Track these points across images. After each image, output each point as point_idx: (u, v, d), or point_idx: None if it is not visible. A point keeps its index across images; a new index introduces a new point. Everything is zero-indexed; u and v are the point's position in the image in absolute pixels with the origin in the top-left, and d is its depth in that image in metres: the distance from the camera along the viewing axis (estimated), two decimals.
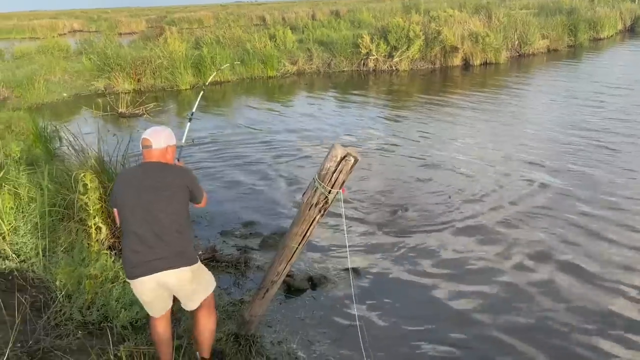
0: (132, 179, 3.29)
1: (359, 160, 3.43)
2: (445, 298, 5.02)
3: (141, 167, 3.34)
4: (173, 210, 3.25)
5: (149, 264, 3.19)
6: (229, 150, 10.30)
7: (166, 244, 3.21)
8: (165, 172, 3.31)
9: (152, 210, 3.19)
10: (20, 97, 15.05)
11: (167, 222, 3.21)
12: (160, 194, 3.22)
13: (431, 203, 7.21)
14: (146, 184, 3.22)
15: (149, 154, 3.32)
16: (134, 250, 3.20)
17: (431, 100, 14.30)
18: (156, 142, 3.31)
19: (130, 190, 3.23)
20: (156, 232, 3.18)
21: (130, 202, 3.21)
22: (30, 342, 3.67)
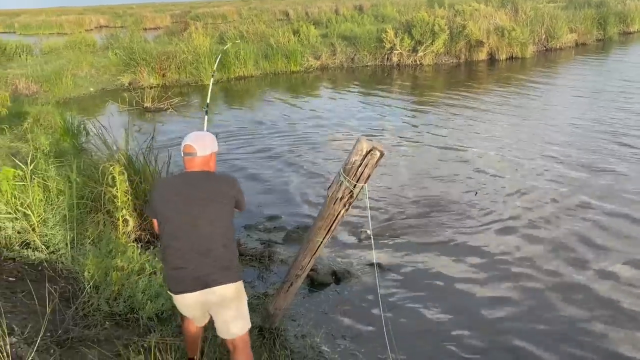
0: (175, 191, 3.07)
1: (385, 155, 3.41)
2: (471, 298, 4.96)
3: (184, 177, 3.11)
4: (220, 223, 3.07)
5: (194, 280, 3.01)
6: (252, 143, 10.35)
7: (212, 259, 3.03)
8: (212, 182, 3.11)
9: (197, 224, 3.00)
10: (49, 91, 15.31)
11: (214, 236, 3.04)
12: (207, 206, 3.04)
13: (456, 199, 7.14)
14: (192, 196, 3.02)
15: (191, 162, 3.09)
16: (177, 266, 3.01)
17: (456, 95, 14.16)
18: (201, 149, 3.08)
19: (173, 202, 3.03)
20: (202, 247, 3.01)
21: (173, 215, 3.02)
22: (60, 332, 3.73)
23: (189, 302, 3.07)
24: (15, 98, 12.68)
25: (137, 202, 5.44)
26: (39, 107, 11.48)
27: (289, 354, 3.96)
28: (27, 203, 4.97)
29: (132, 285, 4.45)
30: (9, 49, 20.48)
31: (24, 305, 3.95)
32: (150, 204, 3.18)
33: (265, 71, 18.67)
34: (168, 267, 3.06)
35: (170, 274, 3.05)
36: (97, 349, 3.64)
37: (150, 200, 3.15)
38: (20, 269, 4.58)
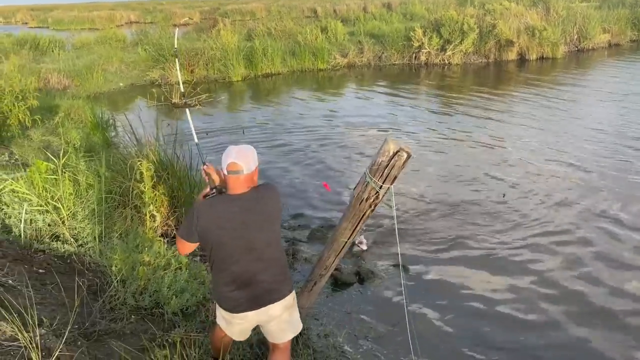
0: (227, 217, 2.93)
1: (412, 156, 3.38)
2: (498, 303, 4.88)
3: (235, 201, 2.96)
4: (274, 240, 3.10)
5: (255, 299, 3.02)
6: (277, 140, 10.37)
7: (271, 276, 3.06)
8: (263, 201, 3.02)
9: (255, 247, 2.98)
10: (80, 86, 15.57)
11: (270, 254, 3.06)
12: (262, 228, 3.00)
13: (484, 201, 7.06)
14: (247, 221, 2.94)
15: (237, 180, 2.94)
16: (236, 288, 3.00)
17: (483, 96, 13.99)
18: (246, 166, 2.93)
19: (227, 229, 2.91)
20: (260, 268, 3.02)
21: (228, 241, 2.93)
22: (87, 324, 3.79)
23: (249, 320, 3.09)
24: (47, 92, 12.94)
25: (165, 198, 5.50)
26: (70, 101, 11.68)
27: (311, 353, 3.96)
28: (58, 196, 5.06)
29: (158, 280, 4.50)
30: (43, 44, 20.88)
31: (53, 297, 4.02)
32: (192, 229, 2.93)
33: (292, 68, 18.70)
34: (225, 289, 3.02)
35: (229, 296, 3.02)
36: (122, 343, 3.69)
37: (192, 225, 2.92)
38: (50, 261, 4.67)
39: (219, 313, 3.19)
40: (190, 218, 2.95)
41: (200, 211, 2.94)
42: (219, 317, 3.23)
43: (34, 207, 4.93)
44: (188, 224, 2.97)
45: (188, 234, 2.97)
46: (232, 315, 3.07)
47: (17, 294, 3.73)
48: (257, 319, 3.09)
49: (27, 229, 4.80)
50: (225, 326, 3.20)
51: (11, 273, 3.99)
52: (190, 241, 2.98)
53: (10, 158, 7.22)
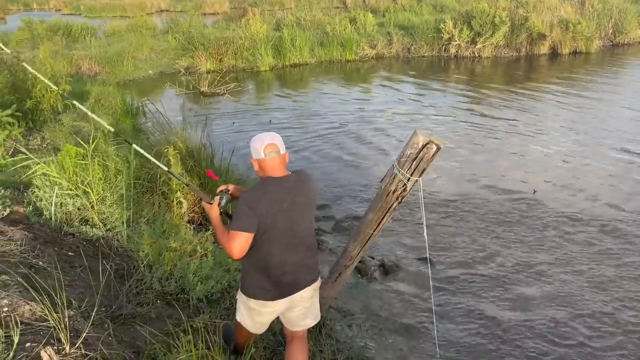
0: (278, 199, 2.92)
1: (442, 149, 3.34)
2: (527, 302, 4.81)
3: (280, 183, 2.97)
4: (312, 224, 3.14)
5: (291, 284, 3.07)
6: (304, 131, 10.37)
7: (308, 261, 3.13)
8: (306, 185, 3.07)
9: (296, 229, 3.01)
10: (110, 72, 15.76)
11: (309, 238, 3.12)
12: (304, 211, 3.05)
13: (514, 196, 6.96)
14: (293, 203, 2.96)
15: (277, 160, 2.97)
16: (278, 273, 3.01)
17: (514, 90, 13.74)
18: (281, 146, 2.99)
19: (279, 211, 2.92)
20: (300, 251, 3.06)
21: (280, 223, 2.93)
22: (114, 307, 3.85)
23: (280, 306, 3.10)
24: (78, 78, 13.13)
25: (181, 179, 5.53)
26: (100, 88, 11.83)
27: (334, 344, 3.96)
28: (88, 181, 5.13)
29: (184, 266, 4.55)
30: (75, 31, 21.14)
31: (82, 279, 4.09)
32: (252, 218, 2.86)
33: (320, 59, 18.62)
34: (264, 274, 3.01)
35: (270, 280, 3.01)
36: (148, 327, 3.74)
37: (251, 214, 2.85)
38: (79, 245, 4.74)
39: (246, 306, 3.17)
40: (245, 208, 2.86)
41: (256, 197, 2.90)
42: (244, 314, 3.21)
43: (65, 191, 5.01)
44: (245, 215, 2.86)
45: (250, 225, 2.86)
46: (264, 304, 3.06)
47: (47, 275, 3.80)
48: (287, 305, 3.11)
49: (57, 212, 4.87)
50: (250, 320, 3.19)
51: (42, 255, 4.06)
52: (252, 231, 2.87)
53: (42, 142, 7.34)
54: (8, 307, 2.97)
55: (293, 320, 3.25)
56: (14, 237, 4.13)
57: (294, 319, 3.23)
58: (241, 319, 3.25)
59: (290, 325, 3.29)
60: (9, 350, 2.56)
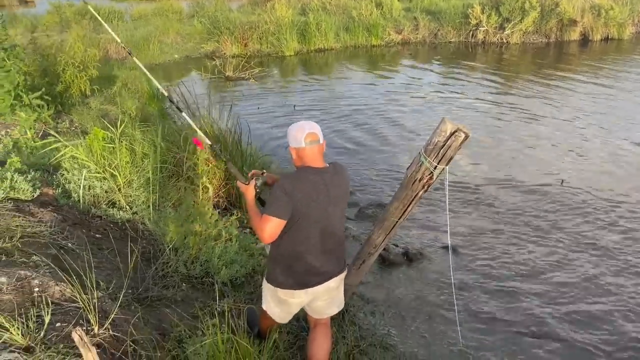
0: (317, 189, 2.91)
1: (470, 137, 3.30)
2: (554, 292, 4.73)
3: (320, 174, 2.95)
4: (343, 215, 3.16)
5: (322, 274, 3.09)
6: (328, 117, 10.33)
7: (339, 251, 3.17)
8: (342, 177, 3.06)
9: (331, 220, 3.02)
10: (137, 57, 15.84)
11: (340, 229, 3.14)
12: (338, 203, 3.05)
13: (541, 186, 6.86)
14: (330, 194, 2.96)
15: (317, 150, 2.97)
16: (310, 262, 3.02)
17: (542, 77, 13.48)
18: (321, 135, 2.99)
19: (316, 201, 2.91)
20: (333, 242, 3.09)
21: (315, 213, 2.93)
22: (140, 290, 3.91)
23: (307, 296, 3.11)
24: (106, 61, 13.26)
25: (218, 170, 5.56)
26: (127, 72, 11.93)
27: (357, 330, 3.97)
28: (115, 164, 5.19)
29: (209, 250, 4.59)
30: (102, 15, 21.30)
31: (109, 261, 4.16)
32: (287, 204, 2.84)
33: (345, 44, 18.49)
34: (294, 264, 3.02)
35: (300, 270, 3.03)
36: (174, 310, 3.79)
37: (287, 200, 2.83)
38: (106, 227, 4.82)
39: (273, 296, 3.18)
40: (281, 194, 2.84)
41: (294, 185, 2.88)
42: (270, 303, 3.23)
43: (92, 173, 5.08)
44: (281, 201, 2.84)
45: (285, 211, 2.84)
46: (292, 294, 3.08)
47: (76, 256, 3.87)
48: (315, 294, 3.12)
49: (85, 195, 4.95)
50: (278, 310, 3.21)
51: (71, 237, 4.14)
52: (285, 218, 2.85)
53: (71, 125, 7.45)
54: (39, 288, 3.04)
55: (318, 309, 3.26)
56: (44, 219, 4.22)
57: (319, 308, 3.25)
58: (267, 308, 3.27)
59: (315, 314, 3.31)
60: (40, 330, 2.62)
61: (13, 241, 3.61)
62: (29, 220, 4.06)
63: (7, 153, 5.49)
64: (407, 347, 3.89)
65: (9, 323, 2.54)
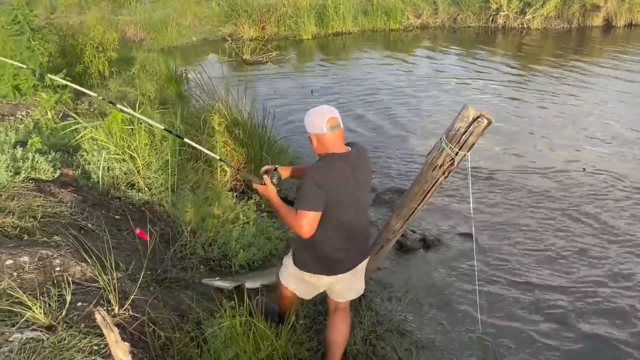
0: (346, 173, 2.88)
1: (493, 123, 3.25)
2: (577, 282, 4.63)
3: (346, 159, 2.91)
4: (368, 198, 3.18)
5: (352, 259, 3.09)
6: (345, 101, 10.25)
7: (366, 233, 3.18)
8: (365, 159, 3.06)
9: (360, 204, 3.03)
10: (154, 39, 15.89)
11: (366, 213, 3.14)
12: (365, 187, 3.06)
13: (563, 172, 6.76)
14: (358, 178, 2.93)
15: (339, 135, 2.92)
16: (343, 248, 3.01)
17: (563, 63, 13.22)
18: (340, 119, 2.94)
19: (346, 187, 2.87)
20: (362, 226, 3.09)
21: (345, 198, 2.90)
22: (159, 271, 3.94)
23: (334, 280, 3.10)
24: (124, 43, 13.27)
25: (235, 153, 5.57)
26: (145, 54, 11.95)
27: (374, 315, 3.97)
28: (134, 146, 5.21)
29: (227, 233, 4.61)
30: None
31: (128, 242, 4.19)
32: (321, 196, 2.79)
33: (364, 28, 18.29)
34: (325, 250, 2.99)
35: (330, 256, 3.00)
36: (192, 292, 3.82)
37: (319, 192, 2.78)
38: (125, 208, 4.85)
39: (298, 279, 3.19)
40: (313, 187, 2.79)
41: (324, 175, 2.83)
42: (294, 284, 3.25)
43: (112, 155, 5.11)
44: (313, 193, 2.79)
45: (319, 203, 2.80)
46: (319, 277, 3.08)
47: (95, 237, 3.91)
48: (341, 278, 3.10)
49: (104, 176, 4.98)
50: (301, 287, 3.23)
51: (90, 217, 4.17)
52: (320, 210, 2.81)
53: (90, 107, 7.49)
54: (60, 267, 3.07)
55: (340, 293, 3.26)
56: (64, 199, 4.25)
57: (341, 291, 3.25)
58: (287, 284, 3.29)
59: (337, 297, 3.29)
60: (61, 309, 2.64)
61: (34, 221, 3.64)
62: (50, 200, 4.10)
63: (28, 133, 5.54)
64: (424, 334, 3.87)
65: (32, 302, 2.57)
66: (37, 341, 2.44)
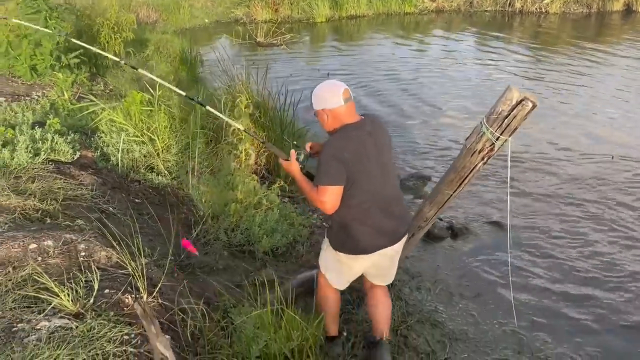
0: (365, 141, 2.77)
1: (537, 107, 3.09)
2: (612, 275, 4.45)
3: (361, 127, 2.80)
4: (393, 163, 3.00)
5: (392, 233, 2.92)
6: (362, 85, 10.08)
7: (402, 206, 3.01)
8: (381, 126, 2.93)
9: (389, 172, 2.87)
10: (167, 20, 15.70)
11: (396, 184, 2.97)
12: (388, 152, 2.90)
13: (591, 160, 6.58)
14: (378, 144, 2.81)
15: (353, 107, 2.83)
16: (380, 220, 2.85)
17: (583, 49, 12.91)
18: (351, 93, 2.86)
19: (367, 155, 2.76)
20: (395, 195, 2.93)
21: (370, 168, 2.77)
22: (182, 257, 3.83)
23: (371, 260, 2.95)
24: (137, 25, 13.10)
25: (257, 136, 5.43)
26: (159, 35, 11.78)
27: (403, 305, 3.84)
28: (153, 128, 5.08)
29: (249, 218, 4.49)
30: None
31: (150, 227, 4.08)
32: (340, 169, 2.68)
33: (378, 11, 18.01)
34: (358, 226, 2.83)
35: (362, 234, 2.84)
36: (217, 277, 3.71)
37: (339, 165, 2.67)
38: (145, 192, 4.74)
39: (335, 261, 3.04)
40: (330, 160, 2.69)
41: (340, 146, 2.72)
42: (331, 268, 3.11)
43: (131, 137, 4.99)
44: (332, 167, 2.68)
45: (339, 176, 2.68)
46: (355, 258, 2.93)
47: (118, 221, 3.80)
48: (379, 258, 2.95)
49: (123, 159, 4.86)
50: (337, 275, 3.10)
51: (112, 201, 4.06)
52: (342, 183, 2.69)
53: (105, 88, 7.36)
54: (85, 252, 2.96)
55: (380, 275, 3.15)
56: (85, 182, 4.14)
57: (382, 273, 3.14)
58: (325, 271, 3.16)
59: (376, 280, 3.20)
60: (89, 296, 2.54)
61: (56, 204, 3.54)
62: (70, 182, 3.99)
63: (45, 114, 5.42)
64: (456, 325, 3.74)
65: (59, 288, 2.46)
66: (65, 330, 2.33)
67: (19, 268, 2.69)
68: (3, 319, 2.36)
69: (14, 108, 5.42)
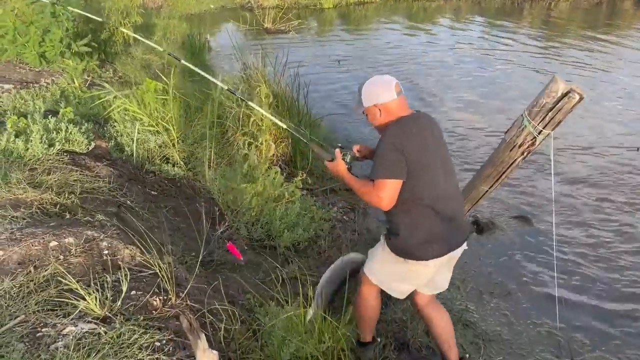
0: (423, 131, 2.57)
1: (584, 99, 2.93)
2: None
3: (417, 119, 2.62)
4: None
5: (459, 234, 2.67)
6: (370, 72, 9.85)
7: (462, 209, 2.75)
8: (434, 120, 2.74)
9: (447, 164, 2.63)
10: (172, 5, 15.47)
11: (456, 180, 2.72)
12: (444, 142, 2.69)
13: (615, 152, 6.39)
14: (435, 136, 2.62)
15: (405, 100, 2.67)
16: (445, 221, 2.58)
17: (593, 37, 12.71)
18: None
19: (427, 146, 2.54)
20: (456, 191, 2.71)
21: (432, 161, 2.54)
22: (204, 253, 3.68)
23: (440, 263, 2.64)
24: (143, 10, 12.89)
25: (273, 127, 5.26)
26: (166, 21, 11.57)
27: None
28: (168, 117, 4.92)
29: (270, 212, 4.34)
30: None
31: (169, 221, 3.93)
32: (401, 161, 2.45)
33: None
34: (426, 226, 2.57)
35: (431, 234, 2.57)
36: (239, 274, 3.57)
37: (399, 157, 2.45)
38: (161, 183, 4.59)
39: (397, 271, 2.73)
40: (391, 151, 2.47)
41: (399, 135, 2.50)
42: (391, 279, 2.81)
43: (145, 127, 4.83)
44: (391, 159, 2.46)
45: (400, 169, 2.46)
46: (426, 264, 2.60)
47: (136, 215, 3.66)
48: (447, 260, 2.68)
49: (138, 149, 4.71)
50: (400, 285, 2.80)
51: (129, 194, 3.91)
52: (402, 177, 2.46)
53: (114, 75, 7.18)
54: (108, 250, 2.81)
55: (435, 283, 2.87)
56: (101, 174, 3.99)
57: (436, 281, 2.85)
58: (380, 283, 2.84)
59: (431, 290, 2.92)
60: (116, 299, 2.39)
61: (74, 197, 3.39)
62: (86, 174, 3.84)
63: (55, 102, 5.25)
64: (489, 326, 3.59)
65: (84, 290, 2.32)
66: (93, 335, 2.19)
67: (40, 268, 2.55)
68: (27, 322, 2.22)
69: (24, 96, 5.26)
